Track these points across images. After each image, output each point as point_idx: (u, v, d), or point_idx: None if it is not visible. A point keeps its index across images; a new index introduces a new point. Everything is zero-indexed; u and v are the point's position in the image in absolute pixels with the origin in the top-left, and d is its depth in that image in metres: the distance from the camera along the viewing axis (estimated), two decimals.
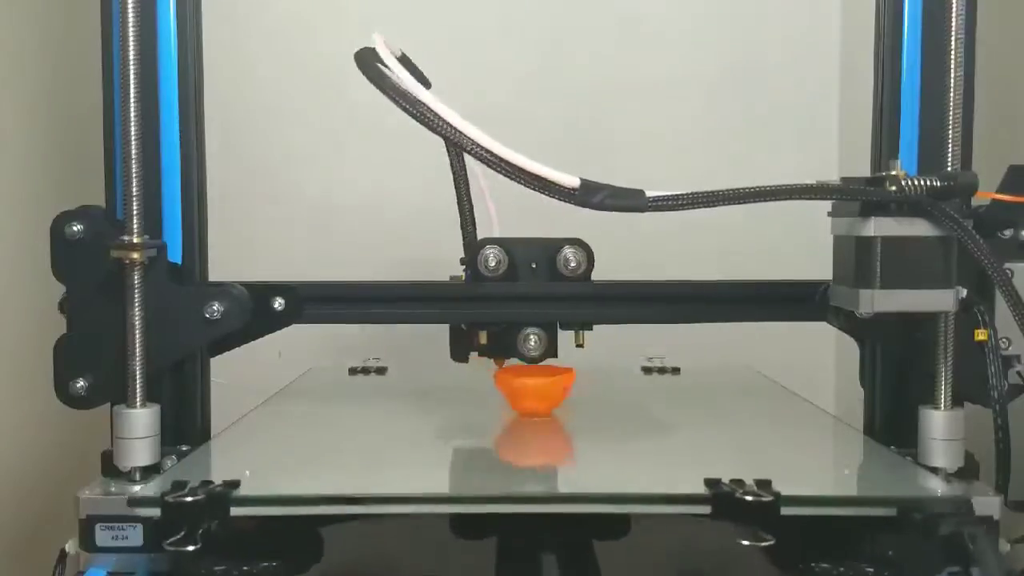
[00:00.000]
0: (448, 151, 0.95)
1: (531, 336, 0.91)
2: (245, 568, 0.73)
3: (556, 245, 0.91)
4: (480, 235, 0.96)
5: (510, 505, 0.72)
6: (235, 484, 0.71)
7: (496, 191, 0.95)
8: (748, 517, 0.68)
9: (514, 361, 0.94)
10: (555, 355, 0.92)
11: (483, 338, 0.92)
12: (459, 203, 0.98)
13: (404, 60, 0.89)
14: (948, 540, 0.69)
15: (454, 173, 0.97)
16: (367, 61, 0.79)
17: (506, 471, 0.88)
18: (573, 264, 0.91)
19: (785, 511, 0.68)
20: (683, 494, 0.71)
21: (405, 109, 0.76)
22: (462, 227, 0.97)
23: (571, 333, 0.92)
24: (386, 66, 0.78)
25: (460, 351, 0.94)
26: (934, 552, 0.70)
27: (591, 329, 0.92)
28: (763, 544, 0.67)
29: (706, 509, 0.69)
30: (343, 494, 0.71)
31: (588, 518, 0.76)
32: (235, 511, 0.69)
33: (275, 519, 0.71)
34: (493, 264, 0.91)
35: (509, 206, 0.95)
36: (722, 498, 0.69)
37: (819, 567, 0.72)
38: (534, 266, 0.92)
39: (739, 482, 0.70)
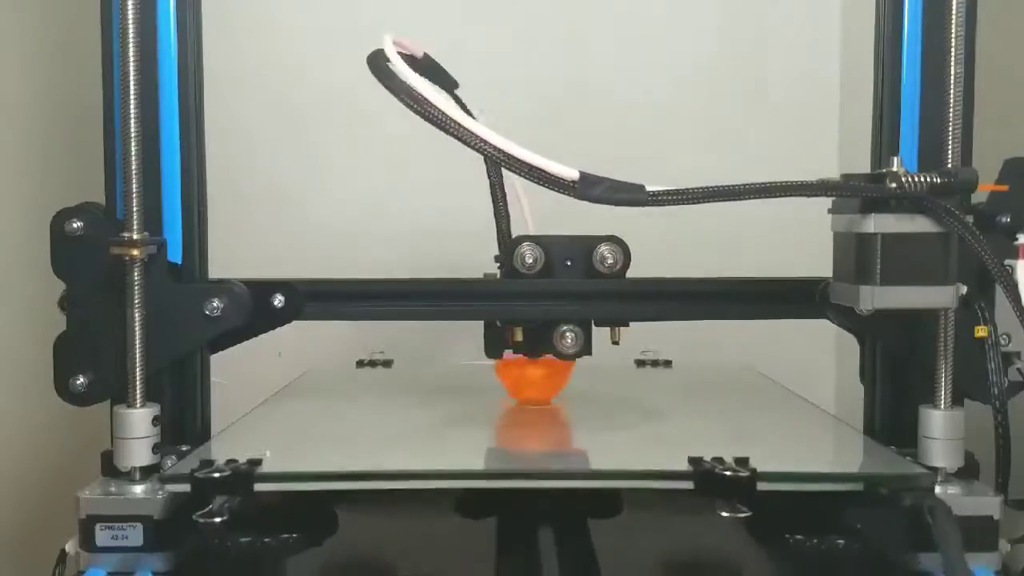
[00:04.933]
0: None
1: (567, 333, 0.92)
2: (267, 540, 0.77)
3: (592, 242, 0.92)
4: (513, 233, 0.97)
5: (510, 481, 0.77)
6: (258, 462, 0.75)
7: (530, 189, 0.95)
8: (727, 492, 0.72)
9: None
10: (590, 352, 0.93)
11: (518, 335, 0.92)
12: (493, 201, 0.99)
13: (427, 60, 0.90)
14: (909, 512, 0.73)
15: (488, 169, 0.98)
16: (376, 62, 0.79)
17: (506, 453, 0.92)
18: (610, 261, 0.91)
19: (761, 487, 0.72)
20: (667, 470, 0.75)
21: (409, 105, 0.76)
22: (497, 224, 0.98)
23: (606, 330, 0.93)
24: (391, 65, 0.78)
25: (495, 348, 0.95)
26: (898, 525, 0.75)
27: (627, 326, 0.93)
28: (740, 516, 0.71)
29: (689, 485, 0.73)
30: (358, 470, 0.76)
31: (581, 494, 0.82)
32: (259, 487, 0.73)
33: (293, 496, 0.76)
34: (530, 261, 0.91)
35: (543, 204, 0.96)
36: (703, 474, 0.73)
37: (794, 539, 0.77)
38: (569, 263, 0.92)
39: (720, 460, 0.74)
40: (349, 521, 0.82)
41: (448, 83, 0.96)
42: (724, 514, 0.71)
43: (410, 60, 0.89)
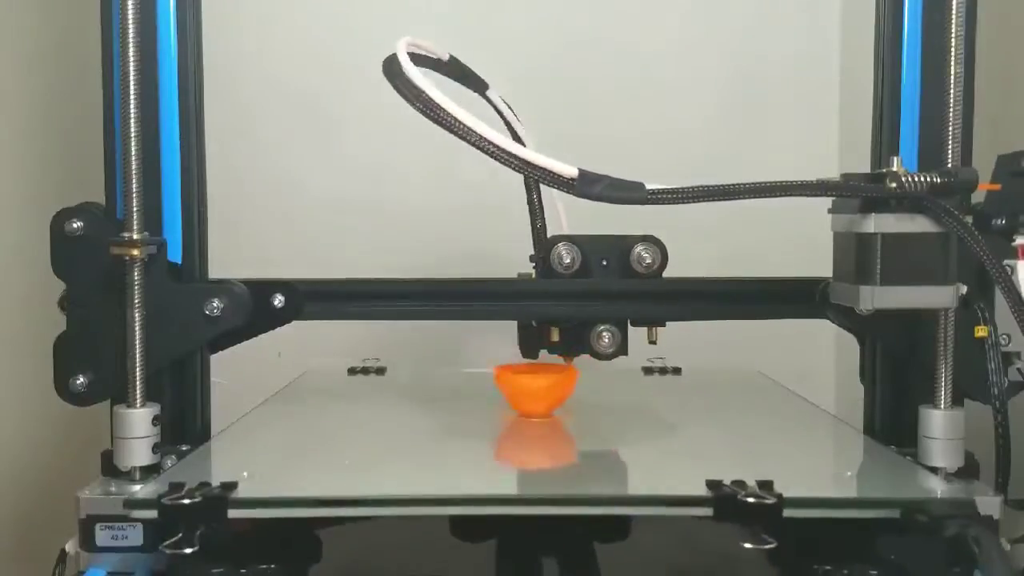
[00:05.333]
0: None
1: (604, 333, 0.91)
2: (243, 571, 0.72)
3: (629, 242, 0.92)
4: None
5: (509, 507, 0.72)
6: (232, 486, 0.70)
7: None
8: (750, 519, 0.67)
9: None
10: (626, 352, 0.92)
11: (555, 335, 0.92)
12: (528, 201, 0.99)
13: (453, 62, 0.89)
14: (952, 542, 0.68)
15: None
16: (389, 66, 0.79)
17: (505, 473, 0.87)
18: (648, 260, 0.91)
19: (787, 513, 0.67)
20: (685, 496, 0.70)
21: (414, 104, 0.76)
22: (532, 224, 0.98)
23: (643, 330, 0.93)
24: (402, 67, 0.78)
25: (530, 348, 0.94)
26: (938, 554, 0.70)
27: (664, 326, 0.93)
28: (766, 547, 0.66)
29: (708, 511, 0.68)
30: (340, 496, 0.71)
31: (589, 520, 0.76)
32: (233, 513, 0.69)
33: (273, 521, 0.71)
34: (568, 261, 0.91)
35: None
36: (724, 500, 0.68)
37: (822, 570, 0.71)
38: (605, 263, 0.92)
39: (741, 483, 0.69)
40: (333, 547, 0.77)
41: (478, 84, 0.96)
42: (748, 545, 0.66)
43: (435, 63, 0.90)
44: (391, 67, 0.77)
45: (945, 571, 0.70)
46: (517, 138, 0.98)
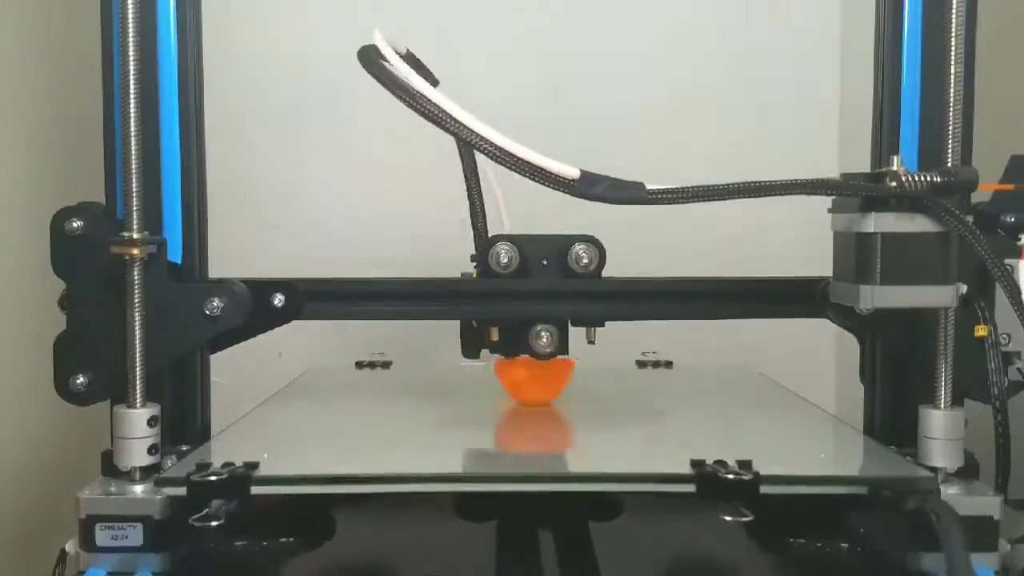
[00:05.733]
0: (459, 148, 0.95)
1: (543, 333, 0.92)
2: (264, 543, 0.78)
3: (568, 242, 0.92)
4: (490, 232, 0.97)
5: (508, 484, 0.76)
6: (255, 465, 0.74)
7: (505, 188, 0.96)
8: (730, 495, 0.71)
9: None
10: (566, 352, 0.93)
11: (494, 335, 0.93)
12: (470, 200, 0.98)
13: (409, 58, 0.90)
14: (913, 515, 0.73)
15: (464, 169, 0.98)
16: (369, 58, 0.80)
17: (506, 455, 0.92)
18: (585, 260, 0.91)
19: (764, 489, 0.71)
20: (670, 473, 0.74)
21: (407, 103, 0.76)
22: (473, 224, 0.98)
23: (582, 329, 0.93)
24: (387, 62, 0.78)
25: (471, 348, 0.95)
26: (903, 529, 0.75)
27: (603, 325, 0.93)
28: (743, 520, 0.70)
29: (691, 488, 0.72)
30: (356, 473, 0.75)
31: (582, 497, 0.81)
32: (256, 490, 0.73)
33: (291, 499, 0.76)
34: (505, 261, 0.91)
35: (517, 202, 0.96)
36: (705, 477, 0.72)
37: (797, 543, 0.78)
38: (545, 263, 0.92)
39: (722, 463, 0.73)
40: (347, 524, 0.82)
41: (429, 80, 0.96)
42: (727, 518, 0.70)
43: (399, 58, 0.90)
44: (372, 60, 0.78)
45: (909, 542, 0.76)
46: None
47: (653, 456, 0.85)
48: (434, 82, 0.96)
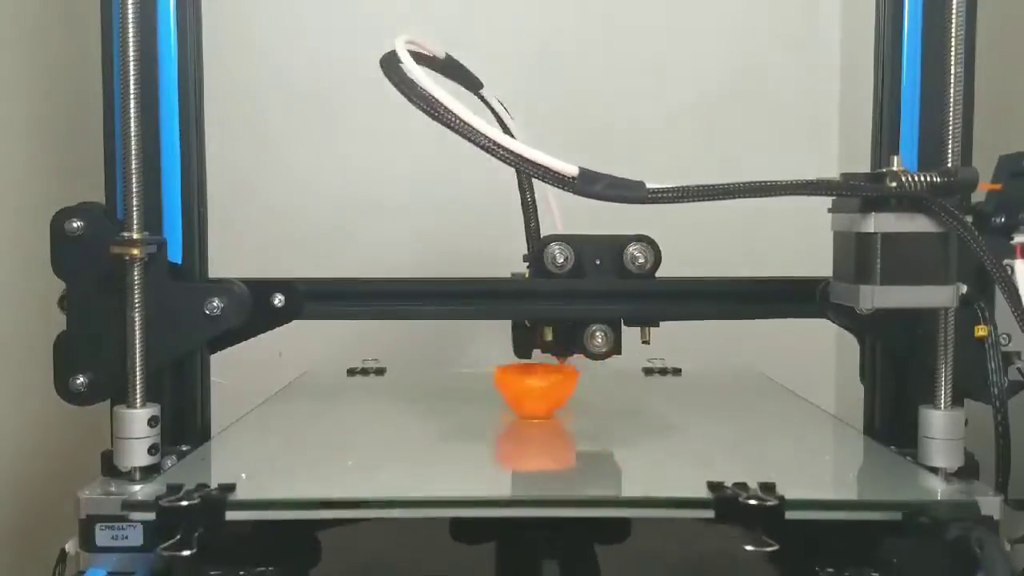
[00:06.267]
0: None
1: (597, 333, 0.91)
2: (241, 573, 0.71)
3: (622, 242, 0.91)
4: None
5: (509, 510, 0.72)
6: (231, 488, 0.70)
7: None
8: (752, 521, 0.67)
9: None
10: (619, 352, 0.92)
11: (548, 335, 0.92)
12: (522, 200, 0.98)
13: (449, 60, 0.89)
14: (954, 544, 0.68)
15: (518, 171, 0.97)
16: (387, 63, 0.79)
17: (505, 475, 0.87)
18: (641, 260, 0.91)
19: (789, 515, 0.68)
20: (686, 498, 0.70)
21: (413, 101, 0.76)
22: (525, 224, 0.98)
23: (635, 330, 0.93)
24: (401, 63, 0.78)
25: (523, 348, 0.94)
26: (940, 556, 0.69)
27: (657, 326, 0.93)
28: (768, 550, 0.66)
29: (709, 513, 0.68)
30: (339, 498, 0.71)
31: (591, 523, 0.76)
32: (231, 515, 0.69)
33: (272, 523, 0.71)
34: (561, 260, 0.91)
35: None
36: (726, 502, 0.68)
37: (824, 572, 0.71)
38: (598, 263, 0.92)
39: (743, 485, 0.70)
40: (332, 549, 0.77)
41: (473, 83, 0.96)
42: (749, 548, 0.66)
43: (430, 61, 0.90)
44: (390, 64, 0.77)
45: (947, 573, 0.69)
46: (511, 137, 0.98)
47: (664, 475, 0.80)
48: (477, 84, 0.96)
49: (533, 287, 0.92)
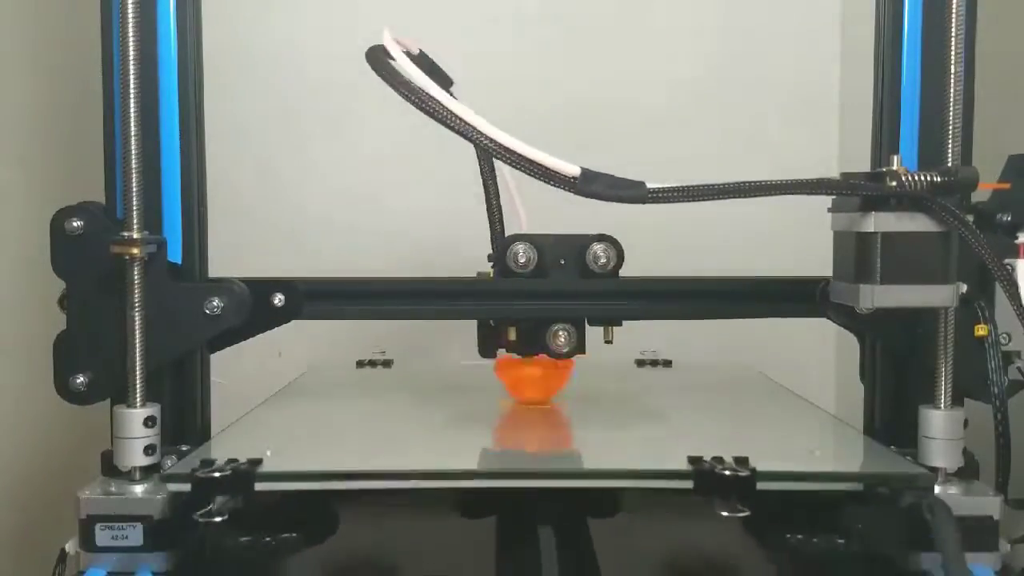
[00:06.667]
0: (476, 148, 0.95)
1: (560, 332, 0.92)
2: (267, 539, 0.78)
3: (585, 241, 0.92)
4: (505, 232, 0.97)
5: (508, 480, 0.77)
6: (258, 462, 0.75)
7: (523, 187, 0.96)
8: (727, 491, 0.72)
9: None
10: (583, 351, 0.93)
11: (512, 334, 0.93)
12: (487, 200, 0.99)
13: (422, 57, 0.90)
14: (909, 513, 0.74)
15: (482, 169, 0.98)
16: (375, 56, 0.79)
17: (506, 453, 0.92)
18: (603, 260, 0.91)
19: (761, 486, 0.72)
20: (667, 469, 0.75)
21: (409, 99, 0.76)
22: (490, 224, 0.98)
23: (599, 329, 0.93)
24: (393, 60, 0.78)
25: (488, 347, 0.95)
26: (898, 524, 0.75)
27: (620, 325, 0.93)
28: (740, 515, 0.71)
29: (689, 484, 0.73)
30: (357, 470, 0.76)
31: (581, 493, 0.81)
32: (259, 486, 0.74)
33: (294, 495, 0.76)
34: (523, 260, 0.91)
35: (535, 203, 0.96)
36: (703, 474, 0.73)
37: (794, 539, 0.78)
38: (563, 262, 0.92)
39: (719, 459, 0.74)
40: (350, 521, 0.83)
41: (443, 80, 0.96)
42: (723, 513, 0.71)
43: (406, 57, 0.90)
44: (379, 59, 0.78)
45: (905, 539, 0.76)
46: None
47: (651, 453, 0.84)
48: (448, 82, 0.96)
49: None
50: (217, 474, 0.73)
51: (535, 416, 0.98)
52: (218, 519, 0.71)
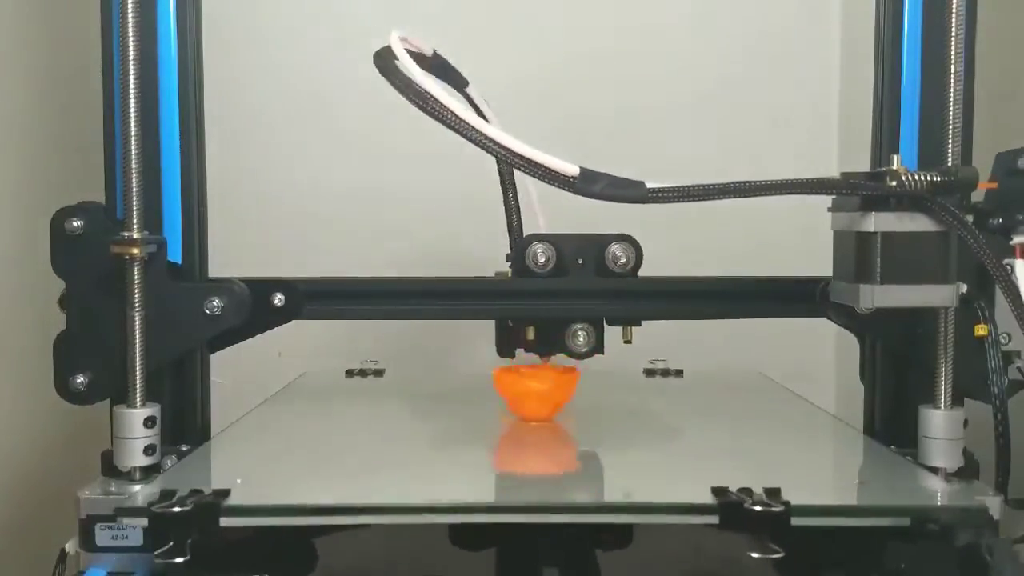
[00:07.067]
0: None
1: (579, 332, 0.91)
2: None
3: (604, 241, 0.91)
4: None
5: (508, 516, 0.70)
6: (225, 493, 0.68)
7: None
8: (757, 527, 0.66)
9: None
10: (602, 351, 0.92)
11: (530, 334, 0.92)
12: (505, 200, 0.98)
13: (436, 58, 0.89)
14: (964, 550, 0.68)
15: (500, 170, 0.97)
16: (382, 57, 0.79)
17: (506, 479, 0.85)
18: (623, 260, 0.91)
19: (795, 521, 0.66)
20: (690, 504, 0.68)
21: (411, 99, 0.76)
22: (508, 224, 0.98)
23: (618, 329, 0.93)
24: (390, 55, 0.78)
25: (506, 347, 0.94)
26: (950, 562, 0.69)
27: (639, 325, 0.93)
28: (773, 557, 0.65)
29: (714, 519, 0.67)
30: (335, 504, 0.69)
31: (593, 528, 0.75)
32: (225, 521, 0.67)
33: (268, 529, 0.70)
34: (543, 260, 0.91)
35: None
36: (730, 508, 0.66)
37: None
38: (581, 262, 0.92)
39: (747, 491, 0.68)
40: (328, 555, 0.76)
41: (458, 81, 0.96)
42: (755, 555, 0.65)
43: (419, 58, 0.90)
44: (386, 62, 0.77)
45: None
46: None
47: (668, 480, 0.78)
48: (463, 83, 0.96)
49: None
50: (177, 508, 0.65)
51: (537, 434, 0.92)
52: (179, 560, 0.65)
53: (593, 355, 0.92)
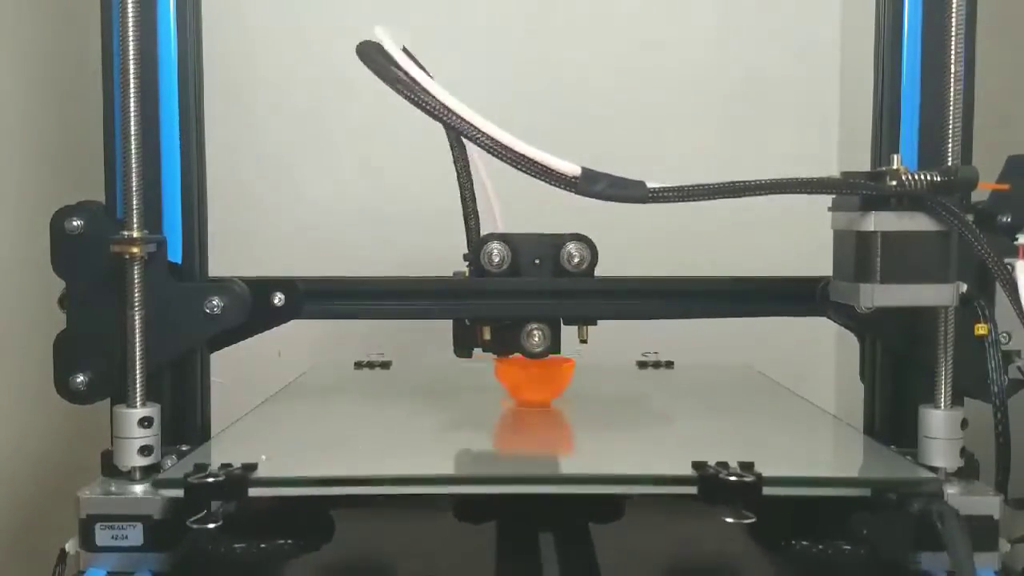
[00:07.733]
0: (451, 146, 0.95)
1: (535, 332, 0.92)
2: (262, 545, 0.78)
3: (559, 240, 0.92)
4: (483, 231, 0.97)
5: (508, 486, 0.76)
6: (253, 467, 0.74)
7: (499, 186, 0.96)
8: (732, 497, 0.71)
9: None
10: (558, 351, 0.93)
11: (487, 334, 0.92)
12: (462, 198, 0.98)
13: (406, 54, 0.90)
14: (918, 520, 0.73)
15: (457, 168, 0.97)
16: (368, 53, 0.79)
17: (506, 457, 0.92)
18: (577, 259, 0.91)
19: (767, 491, 0.71)
20: (671, 475, 0.74)
21: (408, 97, 0.76)
22: (465, 222, 0.97)
23: (574, 328, 0.93)
24: (389, 56, 0.78)
25: (463, 347, 0.95)
26: (906, 531, 0.74)
27: (595, 324, 0.93)
28: (745, 522, 0.70)
29: (693, 490, 0.72)
30: (354, 475, 0.75)
31: (583, 499, 0.81)
32: (253, 492, 0.72)
33: (289, 500, 0.76)
34: (497, 259, 0.91)
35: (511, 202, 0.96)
36: (707, 479, 0.71)
37: (800, 545, 0.78)
38: (537, 262, 0.92)
39: (724, 464, 0.73)
40: (346, 526, 0.82)
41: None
42: (729, 520, 0.70)
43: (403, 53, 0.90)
44: (383, 63, 0.78)
45: (912, 545, 0.75)
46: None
47: (654, 458, 0.84)
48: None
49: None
50: (211, 479, 0.71)
51: (535, 418, 0.98)
52: (211, 525, 0.71)
53: (548, 355, 0.92)
